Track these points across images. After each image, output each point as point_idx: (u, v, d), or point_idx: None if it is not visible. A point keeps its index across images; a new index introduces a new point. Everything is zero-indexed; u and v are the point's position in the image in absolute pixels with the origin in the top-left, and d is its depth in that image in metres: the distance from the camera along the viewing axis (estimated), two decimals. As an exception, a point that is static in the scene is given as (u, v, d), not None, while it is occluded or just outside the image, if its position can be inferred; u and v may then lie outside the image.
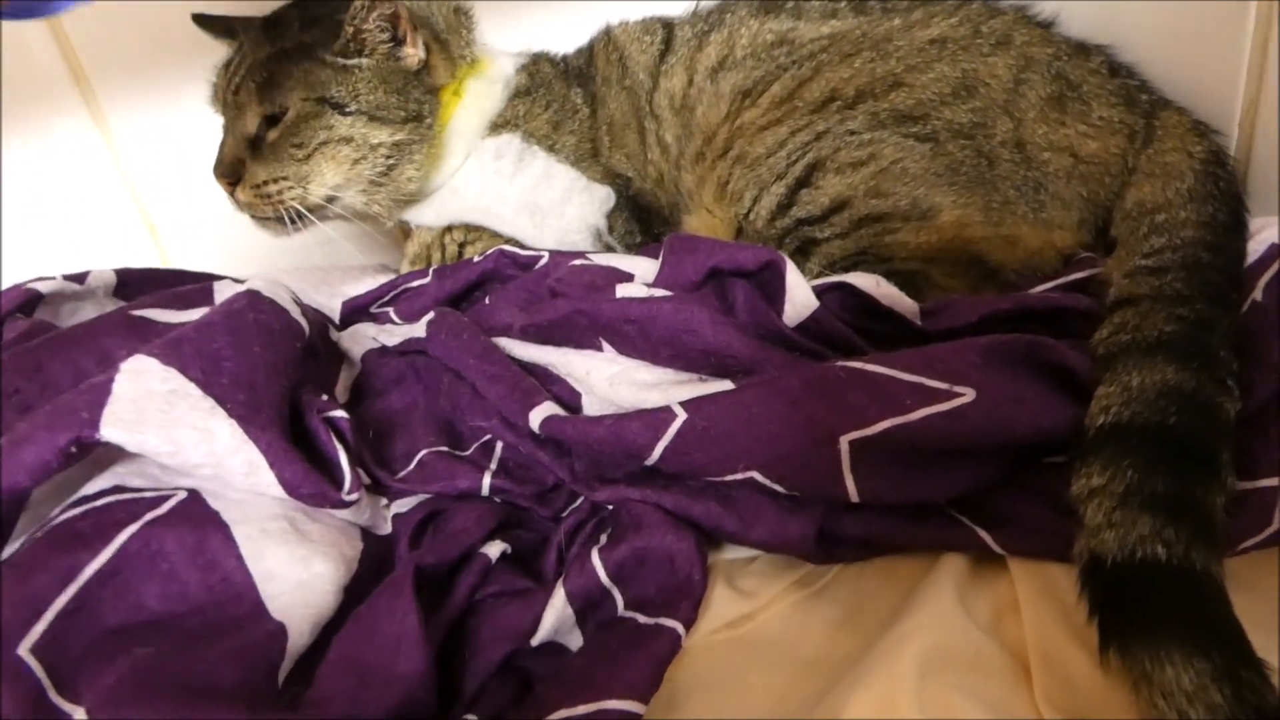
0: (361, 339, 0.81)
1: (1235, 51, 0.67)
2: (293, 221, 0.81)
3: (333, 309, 0.88)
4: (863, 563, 0.52)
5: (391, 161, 0.81)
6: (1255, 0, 0.65)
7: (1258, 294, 0.52)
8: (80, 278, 0.76)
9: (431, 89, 0.83)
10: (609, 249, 0.86)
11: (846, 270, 0.68)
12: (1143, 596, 0.40)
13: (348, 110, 0.78)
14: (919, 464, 0.48)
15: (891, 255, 0.67)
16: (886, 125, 0.71)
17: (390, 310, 0.84)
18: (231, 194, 0.79)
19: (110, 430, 0.47)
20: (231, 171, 0.78)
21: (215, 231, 1.04)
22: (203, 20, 0.84)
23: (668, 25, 0.91)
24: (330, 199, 0.81)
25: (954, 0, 0.80)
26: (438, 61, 0.85)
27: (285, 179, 0.78)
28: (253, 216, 0.81)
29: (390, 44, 0.81)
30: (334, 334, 0.83)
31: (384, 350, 0.78)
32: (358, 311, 0.87)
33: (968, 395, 0.47)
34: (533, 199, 0.83)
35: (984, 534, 0.48)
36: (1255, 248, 0.61)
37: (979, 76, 0.71)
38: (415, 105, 0.82)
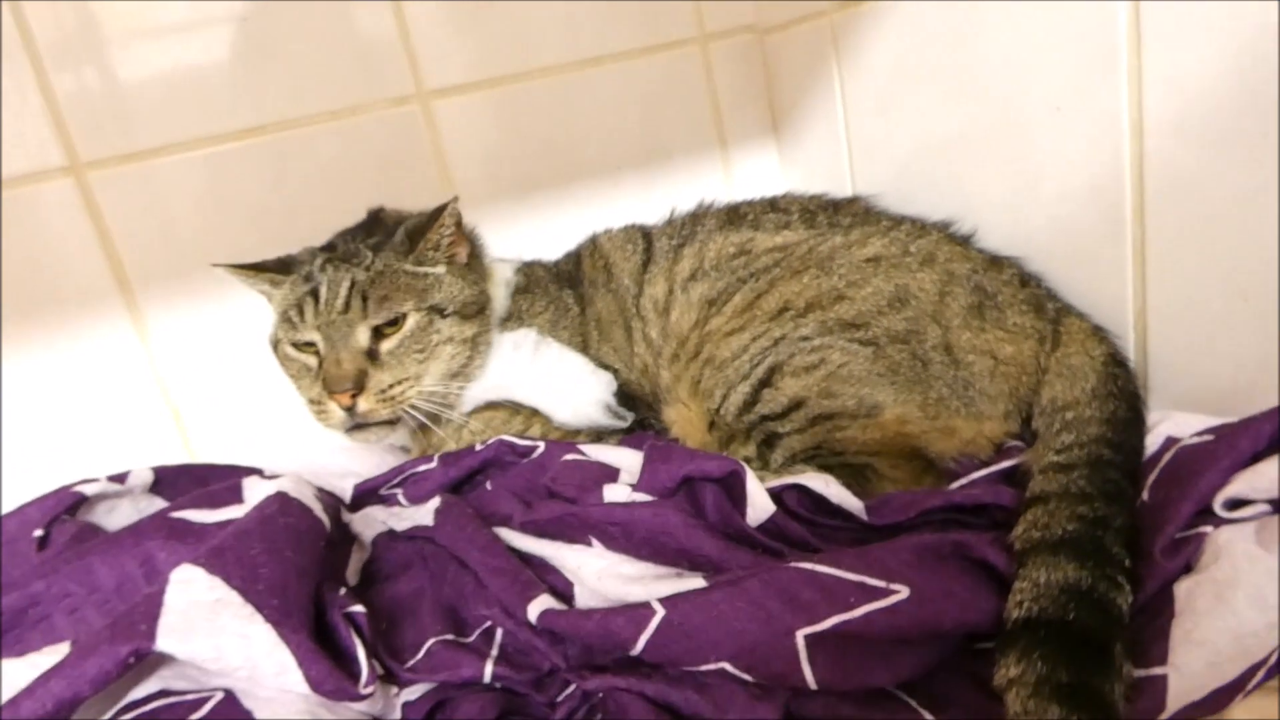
0: (373, 522, 0.89)
1: (1119, 266, 0.80)
2: (397, 421, 0.90)
3: (343, 490, 0.96)
4: (827, 743, 0.58)
5: (470, 352, 0.92)
6: (1129, 229, 0.78)
7: (1145, 494, 0.61)
8: (121, 478, 0.85)
9: (482, 277, 0.97)
10: (619, 418, 0.96)
11: (808, 460, 0.78)
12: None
13: (447, 313, 0.90)
14: (866, 654, 0.56)
15: (844, 449, 0.77)
16: (833, 331, 0.82)
17: (399, 493, 0.92)
18: (350, 406, 0.86)
19: (165, 641, 0.55)
20: (357, 383, 0.85)
21: (232, 416, 1.14)
22: (240, 268, 0.93)
23: (647, 235, 1.04)
24: (432, 393, 0.90)
25: (888, 220, 0.94)
26: (473, 260, 0.98)
27: (407, 380, 0.88)
28: (360, 425, 0.88)
29: (452, 246, 0.94)
30: (345, 515, 0.90)
31: (393, 534, 0.86)
32: (368, 494, 0.95)
33: (903, 592, 0.55)
34: (549, 380, 0.95)
35: (930, 717, 0.55)
36: (1153, 440, 0.71)
37: (910, 290, 0.83)
38: (483, 298, 0.95)
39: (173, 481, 0.88)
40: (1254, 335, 0.69)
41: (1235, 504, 0.57)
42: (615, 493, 0.69)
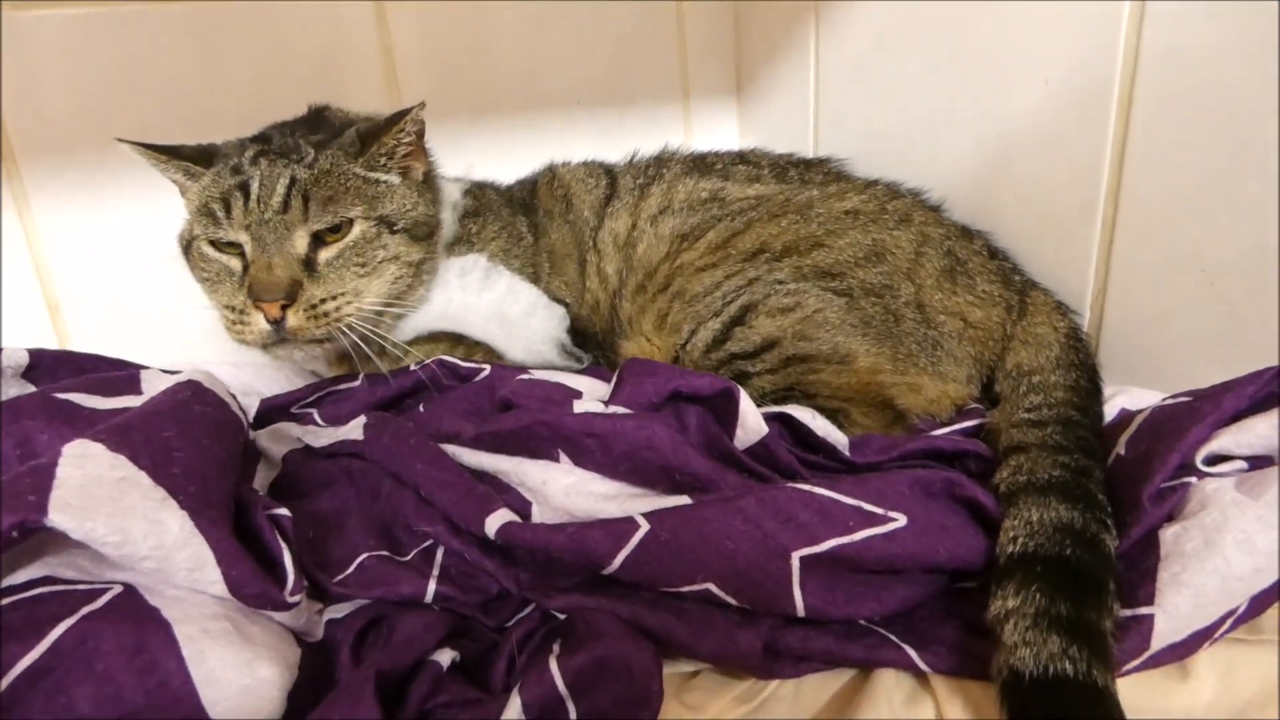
0: (284, 438, 0.79)
1: (1086, 244, 0.81)
2: (328, 341, 0.79)
3: (246, 408, 0.86)
4: (799, 679, 0.55)
5: (413, 278, 0.83)
6: (1101, 207, 0.80)
7: (1121, 449, 0.62)
8: (-11, 354, 0.72)
9: (436, 199, 0.87)
10: (576, 359, 0.90)
11: (776, 402, 0.75)
12: (1055, 709, 0.45)
13: (396, 228, 0.80)
14: (857, 583, 0.53)
15: (816, 393, 0.75)
16: (808, 278, 0.80)
17: (314, 413, 0.83)
18: (278, 319, 0.75)
19: (58, 516, 0.45)
20: (288, 293, 0.74)
21: (120, 319, 1.01)
22: (151, 149, 0.80)
23: (609, 171, 1.00)
24: (371, 313, 0.79)
25: (863, 179, 0.93)
26: (429, 179, 0.89)
27: (344, 295, 0.77)
28: (283, 341, 0.77)
29: (409, 158, 0.84)
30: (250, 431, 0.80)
31: (309, 451, 0.77)
32: (276, 410, 0.85)
33: (900, 520, 0.53)
34: (500, 310, 0.87)
35: (911, 652, 0.52)
36: (1109, 411, 0.73)
37: (886, 245, 0.82)
38: (435, 221, 0.85)
39: (51, 369, 0.76)
40: (1214, 317, 0.72)
41: (1214, 460, 0.58)
42: (589, 405, 0.64)
